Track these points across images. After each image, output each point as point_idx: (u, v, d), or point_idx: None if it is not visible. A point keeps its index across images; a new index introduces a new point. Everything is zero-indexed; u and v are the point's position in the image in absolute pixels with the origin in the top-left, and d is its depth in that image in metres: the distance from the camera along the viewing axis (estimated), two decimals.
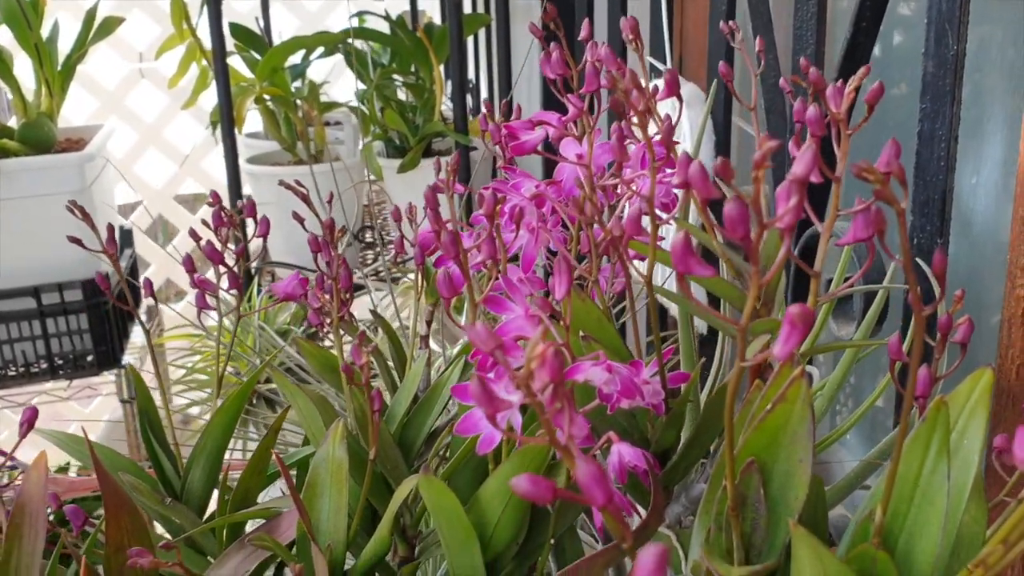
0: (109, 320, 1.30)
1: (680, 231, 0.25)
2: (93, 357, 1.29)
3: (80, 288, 1.29)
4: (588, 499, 0.23)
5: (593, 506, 0.23)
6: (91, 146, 1.32)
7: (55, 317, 1.29)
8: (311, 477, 0.43)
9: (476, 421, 0.36)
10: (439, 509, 0.38)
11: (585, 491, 0.24)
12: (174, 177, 1.67)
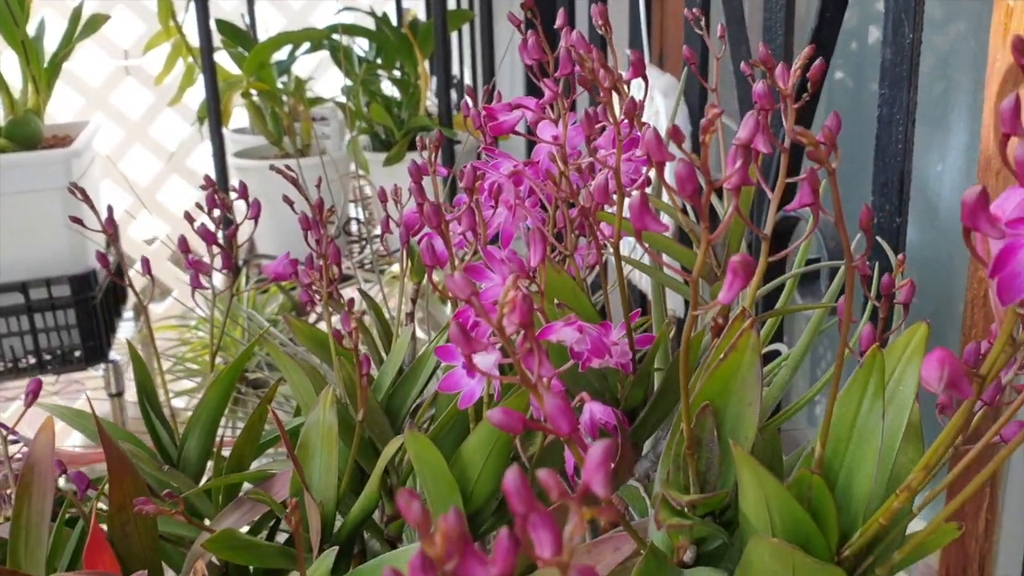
0: (96, 316, 1.33)
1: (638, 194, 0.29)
2: (81, 352, 1.32)
3: (68, 284, 1.31)
4: (554, 428, 0.27)
5: (559, 435, 0.27)
6: (78, 142, 1.34)
7: (43, 312, 1.31)
8: (303, 439, 0.46)
9: (458, 379, 0.39)
10: (423, 462, 0.41)
11: (551, 421, 0.27)
12: (160, 174, 1.69)
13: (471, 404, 0.39)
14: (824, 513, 0.30)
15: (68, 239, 1.32)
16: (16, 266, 1.29)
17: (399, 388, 0.51)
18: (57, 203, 1.31)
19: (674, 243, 0.43)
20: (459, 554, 0.20)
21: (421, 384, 0.52)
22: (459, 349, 0.28)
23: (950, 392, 0.24)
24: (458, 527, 0.20)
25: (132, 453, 0.50)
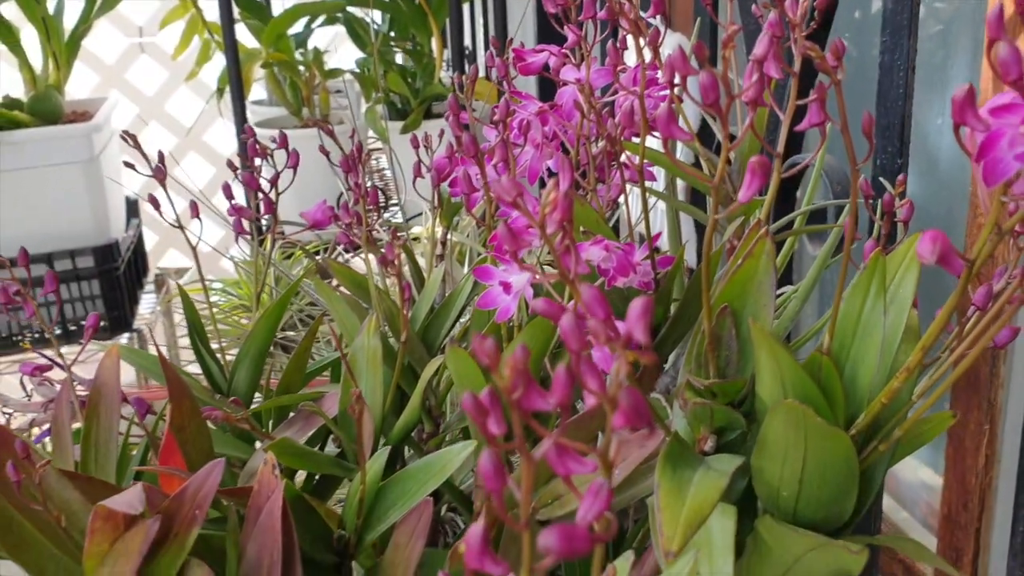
0: (120, 286, 1.37)
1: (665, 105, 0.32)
2: (106, 322, 1.36)
3: (91, 255, 1.35)
4: (591, 312, 0.30)
5: (595, 318, 0.30)
6: (98, 116, 1.38)
7: (68, 283, 1.35)
8: (349, 362, 0.50)
9: (495, 296, 0.43)
10: (463, 375, 0.45)
11: (588, 309, 0.31)
12: (176, 149, 1.73)
13: (507, 318, 0.43)
14: (833, 391, 0.34)
15: (91, 211, 1.36)
16: (41, 238, 1.33)
17: (433, 321, 0.55)
18: (79, 176, 1.35)
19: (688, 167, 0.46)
20: (523, 386, 0.24)
21: (452, 318, 0.56)
22: (505, 246, 0.32)
23: (941, 265, 0.28)
24: (524, 362, 0.24)
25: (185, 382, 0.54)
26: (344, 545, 0.43)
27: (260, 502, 0.38)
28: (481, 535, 0.24)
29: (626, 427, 0.23)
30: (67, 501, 0.40)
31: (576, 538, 0.23)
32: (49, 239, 1.34)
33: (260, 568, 0.37)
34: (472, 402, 0.23)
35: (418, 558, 0.40)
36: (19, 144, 1.32)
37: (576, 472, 0.25)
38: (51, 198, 1.35)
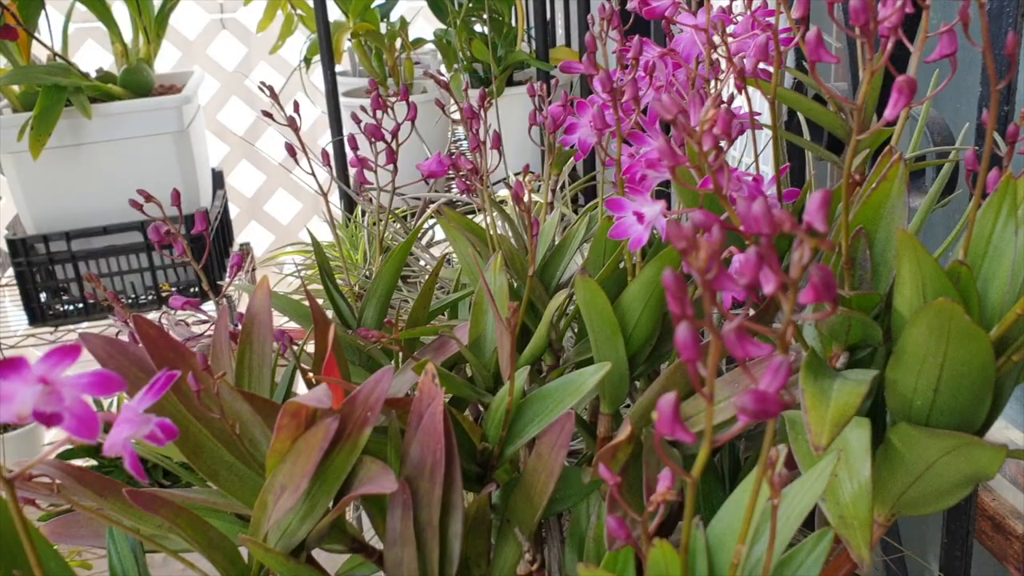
0: (210, 253, 1.42)
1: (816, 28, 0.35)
2: (197, 288, 1.42)
3: (184, 223, 1.41)
4: (748, 228, 0.32)
5: (752, 233, 0.32)
6: (187, 89, 1.44)
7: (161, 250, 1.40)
8: (477, 298, 0.53)
9: (627, 226, 0.46)
10: (590, 305, 0.48)
11: (747, 221, 0.33)
12: (254, 123, 1.79)
13: (639, 247, 0.46)
14: (970, 300, 0.36)
15: (181, 181, 1.42)
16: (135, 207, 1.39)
17: (550, 261, 0.58)
18: (170, 147, 1.41)
19: (814, 103, 0.49)
20: (716, 268, 0.26)
21: (567, 259, 0.59)
22: (665, 162, 0.35)
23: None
24: (719, 246, 0.26)
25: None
26: (487, 457, 0.46)
27: (421, 408, 0.42)
28: (673, 403, 0.27)
29: (814, 302, 0.26)
30: (238, 412, 0.44)
31: (768, 400, 0.26)
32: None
33: (423, 467, 0.41)
34: (672, 279, 0.26)
35: (560, 466, 0.43)
36: (114, 116, 1.37)
37: (753, 355, 0.28)
38: (144, 168, 1.41)
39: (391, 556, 0.41)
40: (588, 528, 0.47)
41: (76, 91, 1.36)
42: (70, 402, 0.26)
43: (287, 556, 0.39)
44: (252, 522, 0.41)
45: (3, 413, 0.26)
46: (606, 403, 0.51)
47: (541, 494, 0.43)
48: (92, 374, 0.26)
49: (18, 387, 0.25)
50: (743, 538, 0.31)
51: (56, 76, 1.35)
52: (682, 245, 0.26)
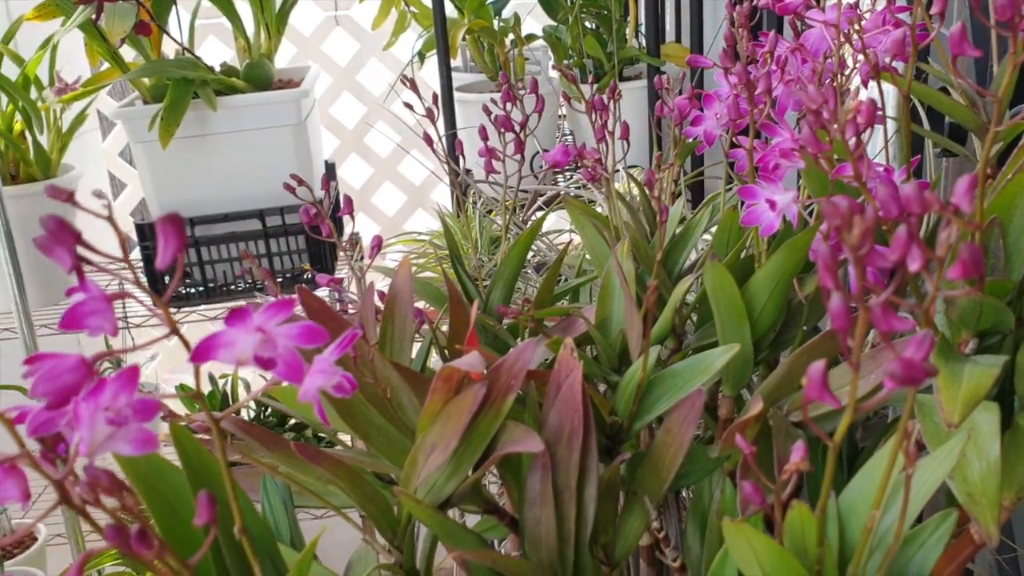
0: (323, 242, 1.49)
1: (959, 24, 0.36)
2: (311, 275, 1.48)
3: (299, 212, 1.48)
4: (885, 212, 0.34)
5: (890, 218, 0.34)
6: (304, 83, 1.50)
7: (277, 238, 1.48)
8: (605, 281, 0.56)
9: (759, 213, 0.48)
10: (719, 289, 0.50)
11: (884, 204, 0.35)
12: (365, 116, 1.85)
13: (771, 234, 0.48)
14: None
15: (298, 171, 1.48)
16: (254, 195, 1.47)
17: (672, 250, 0.61)
18: (289, 139, 1.48)
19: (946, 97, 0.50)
20: (869, 244, 0.29)
21: (689, 247, 0.61)
22: (808, 148, 0.37)
23: None
24: (872, 223, 0.29)
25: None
26: (616, 431, 0.49)
27: (560, 379, 0.45)
28: (823, 370, 0.29)
29: (962, 278, 0.28)
30: (388, 378, 0.48)
31: (915, 367, 0.28)
32: (261, 197, 1.48)
33: (562, 434, 0.44)
34: (825, 252, 0.28)
35: (689, 441, 0.46)
36: (237, 108, 1.45)
37: (897, 328, 0.30)
38: (263, 159, 1.48)
39: (530, 515, 0.44)
40: (711, 503, 0.49)
41: (203, 84, 1.44)
42: (282, 350, 0.30)
43: (435, 509, 0.43)
44: (402, 478, 0.45)
45: (225, 356, 0.30)
46: (728, 386, 0.53)
47: (669, 467, 0.46)
48: (301, 326, 0.30)
49: (240, 335, 0.30)
50: (878, 503, 0.33)
51: (185, 70, 1.44)
52: (837, 222, 0.28)
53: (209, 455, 0.37)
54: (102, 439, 0.28)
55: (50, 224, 0.28)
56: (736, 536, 0.33)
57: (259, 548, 0.36)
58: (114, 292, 0.31)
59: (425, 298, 0.65)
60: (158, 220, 0.29)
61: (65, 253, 0.30)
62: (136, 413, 0.28)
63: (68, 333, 1.53)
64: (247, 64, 1.52)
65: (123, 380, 0.28)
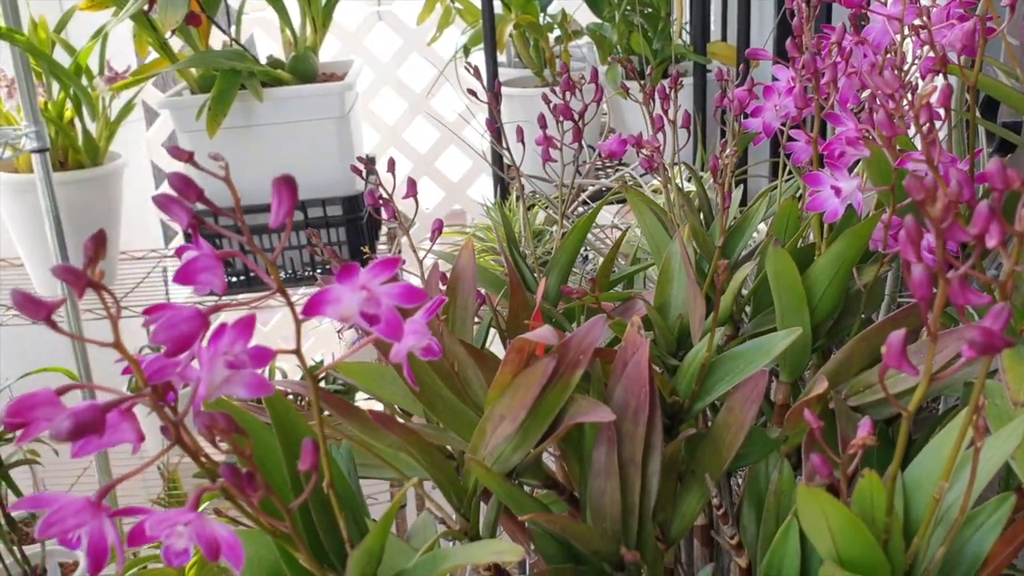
0: (363, 234, 1.52)
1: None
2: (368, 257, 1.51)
3: (340, 204, 1.51)
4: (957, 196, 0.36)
5: (962, 201, 0.36)
6: (348, 77, 1.53)
7: (318, 229, 1.51)
8: (664, 266, 0.58)
9: (824, 199, 0.49)
10: (780, 275, 0.52)
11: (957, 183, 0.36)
12: (405, 113, 1.88)
13: (835, 219, 0.49)
14: None
15: (341, 164, 1.52)
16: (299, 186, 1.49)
17: (729, 238, 0.62)
18: (332, 131, 1.51)
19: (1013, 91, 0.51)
20: (951, 217, 0.30)
21: (747, 235, 0.63)
22: (883, 132, 0.38)
23: None
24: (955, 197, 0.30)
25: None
26: (677, 410, 0.50)
27: (626, 356, 0.46)
28: (902, 338, 0.31)
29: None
30: (455, 353, 0.50)
31: (993, 336, 0.29)
32: (303, 188, 1.50)
33: (627, 409, 0.45)
34: (912, 222, 0.30)
35: (751, 420, 0.47)
36: (282, 100, 1.48)
37: (973, 303, 0.31)
38: (307, 150, 1.51)
39: (595, 487, 0.45)
40: (768, 485, 0.51)
41: (250, 75, 1.47)
42: (384, 309, 0.32)
43: (503, 477, 0.45)
44: (470, 447, 0.46)
45: (332, 312, 0.32)
46: (786, 372, 0.55)
47: (730, 446, 0.48)
48: (401, 286, 0.32)
49: (347, 292, 0.32)
50: (947, 475, 0.35)
51: (233, 61, 1.47)
52: (921, 196, 0.30)
53: (296, 414, 0.39)
54: (220, 382, 0.30)
55: (175, 180, 0.30)
56: (809, 501, 0.34)
57: (343, 504, 0.38)
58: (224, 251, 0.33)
59: (483, 284, 0.66)
60: (274, 180, 0.31)
61: (183, 211, 0.32)
62: (252, 359, 0.30)
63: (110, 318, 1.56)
64: (293, 57, 1.55)
65: (241, 328, 0.30)
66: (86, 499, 0.29)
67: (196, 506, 0.29)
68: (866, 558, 0.35)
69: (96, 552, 0.28)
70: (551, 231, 1.14)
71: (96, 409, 0.27)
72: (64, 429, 0.26)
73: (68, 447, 0.29)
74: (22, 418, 0.28)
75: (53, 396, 0.29)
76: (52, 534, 0.28)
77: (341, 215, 1.51)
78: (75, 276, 0.28)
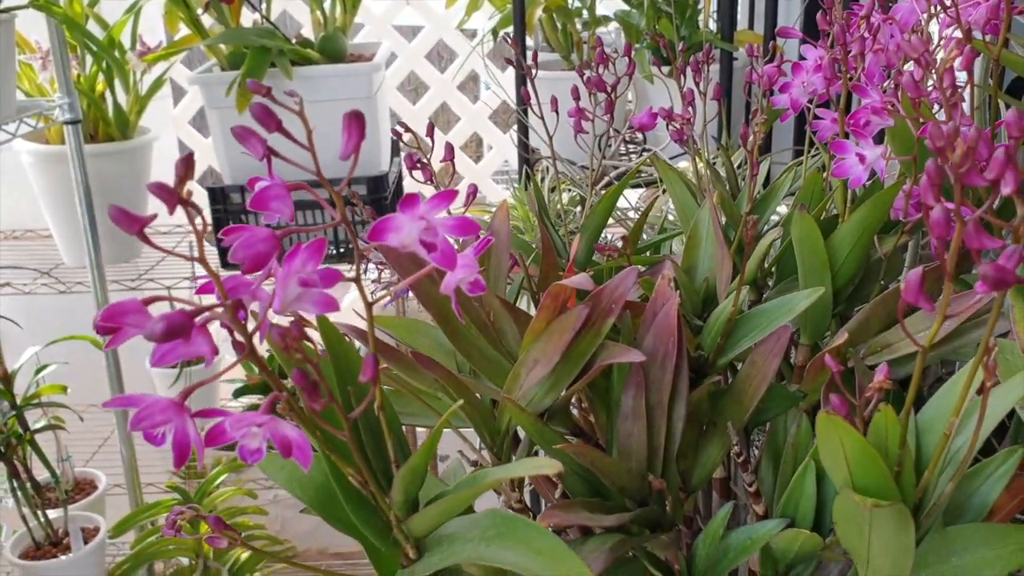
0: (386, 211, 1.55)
1: None
2: None
3: (365, 184, 1.54)
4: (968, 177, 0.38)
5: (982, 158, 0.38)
6: (377, 58, 1.56)
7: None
8: (692, 231, 0.61)
9: (849, 166, 0.52)
10: (804, 239, 0.54)
11: (978, 148, 0.39)
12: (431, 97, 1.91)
13: (859, 185, 0.52)
14: None
15: (368, 144, 1.54)
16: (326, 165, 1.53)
17: (756, 208, 0.65)
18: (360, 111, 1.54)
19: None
20: (969, 163, 0.33)
21: (773, 206, 0.65)
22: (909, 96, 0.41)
23: None
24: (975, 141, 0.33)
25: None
26: (702, 364, 0.53)
27: (656, 307, 0.49)
28: (920, 275, 0.34)
29: None
30: (491, 304, 0.53)
31: (1005, 272, 0.32)
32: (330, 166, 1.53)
33: (656, 356, 0.48)
34: (933, 167, 0.33)
35: (773, 372, 0.50)
36: (312, 79, 1.52)
37: (987, 247, 0.34)
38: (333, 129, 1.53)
39: (622, 428, 0.49)
40: (786, 439, 0.54)
41: (279, 54, 1.51)
42: (440, 240, 0.35)
43: (535, 416, 0.48)
44: (505, 388, 0.50)
45: (393, 240, 0.35)
46: (806, 335, 0.58)
47: (752, 397, 0.51)
48: (457, 218, 0.36)
49: (407, 221, 0.35)
50: (958, 411, 0.38)
51: (263, 38, 1.50)
52: (940, 144, 0.33)
53: (348, 344, 0.43)
54: (292, 298, 0.33)
55: (257, 110, 0.33)
56: (827, 429, 0.37)
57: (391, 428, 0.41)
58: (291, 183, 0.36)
59: (513, 249, 0.70)
60: (345, 114, 0.34)
61: (258, 143, 0.35)
62: (321, 279, 0.33)
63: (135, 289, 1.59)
64: (322, 36, 1.58)
65: (312, 250, 0.33)
66: (170, 400, 0.32)
67: (270, 411, 0.33)
68: (879, 487, 0.38)
69: (181, 446, 0.32)
70: (575, 211, 1.17)
71: (186, 315, 0.31)
72: (158, 330, 0.29)
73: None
74: (114, 322, 0.32)
75: (141, 305, 0.32)
76: (142, 427, 0.31)
77: (366, 195, 1.55)
78: (168, 193, 0.31)
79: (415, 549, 0.42)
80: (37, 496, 1.44)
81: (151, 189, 0.31)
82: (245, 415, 0.32)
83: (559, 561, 0.37)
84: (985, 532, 0.42)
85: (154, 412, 0.31)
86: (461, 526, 0.41)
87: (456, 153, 2.07)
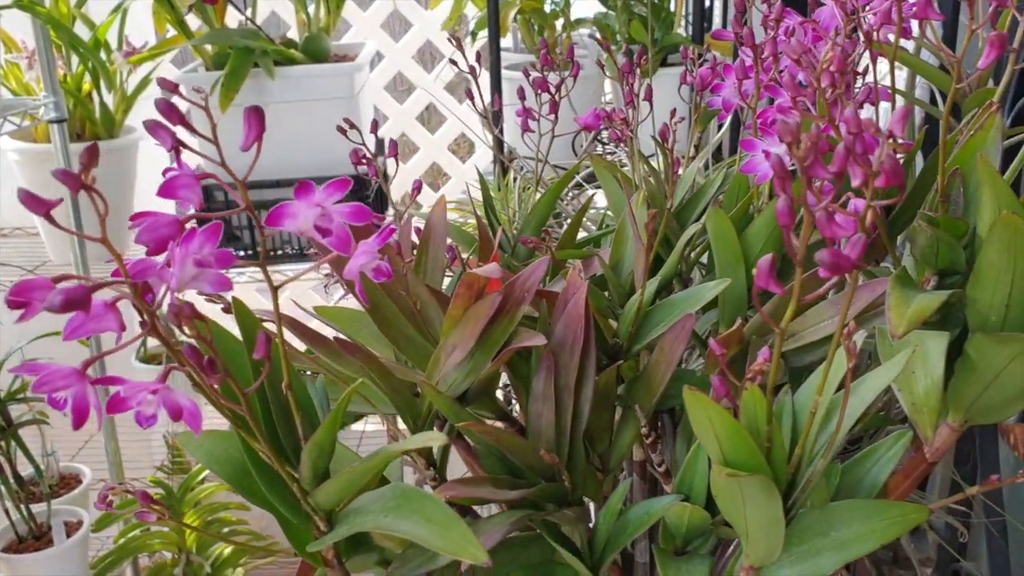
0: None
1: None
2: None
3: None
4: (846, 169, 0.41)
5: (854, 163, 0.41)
6: (360, 58, 1.60)
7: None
8: (619, 228, 0.64)
9: (757, 163, 0.55)
10: (719, 234, 0.58)
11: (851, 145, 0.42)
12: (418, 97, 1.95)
13: (765, 181, 0.55)
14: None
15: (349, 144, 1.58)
16: (305, 165, 1.57)
17: (687, 205, 0.68)
18: (341, 111, 1.57)
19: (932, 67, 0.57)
20: (814, 157, 0.36)
21: (701, 206, 0.68)
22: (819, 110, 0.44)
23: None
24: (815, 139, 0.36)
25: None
26: (616, 351, 0.56)
27: (567, 296, 0.53)
28: (771, 261, 0.37)
29: (885, 186, 0.35)
30: (419, 294, 0.56)
31: (842, 257, 0.35)
32: (312, 166, 1.58)
33: (566, 342, 0.52)
34: (777, 161, 0.36)
35: (679, 357, 0.53)
36: (294, 79, 1.55)
37: (839, 235, 0.37)
38: (316, 129, 1.58)
39: (533, 410, 0.52)
40: None
41: (263, 54, 1.55)
42: (335, 225, 0.38)
43: (452, 399, 0.51)
44: (426, 374, 0.53)
45: (290, 225, 0.38)
46: (724, 323, 0.61)
47: (660, 381, 0.54)
48: (351, 206, 0.39)
49: (303, 208, 0.38)
50: (819, 390, 0.41)
51: (247, 39, 1.54)
52: (788, 139, 0.36)
53: (261, 327, 0.46)
54: (189, 278, 0.36)
55: (160, 104, 0.36)
56: (695, 407, 0.40)
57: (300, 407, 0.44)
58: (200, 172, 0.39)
59: (456, 240, 0.73)
60: (246, 109, 0.37)
61: (167, 135, 0.38)
62: (216, 261, 0.36)
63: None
64: (306, 37, 1.62)
65: (208, 233, 0.36)
66: (72, 367, 0.35)
67: (164, 380, 0.36)
68: (750, 463, 0.41)
69: (79, 410, 0.35)
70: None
71: (84, 289, 0.34)
72: (57, 302, 0.33)
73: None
74: (23, 298, 0.35)
75: (48, 282, 0.35)
76: (44, 391, 0.35)
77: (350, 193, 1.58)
78: (72, 179, 0.34)
79: (326, 522, 0.46)
80: (20, 490, 1.48)
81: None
82: (140, 383, 0.35)
83: (448, 530, 0.40)
84: (864, 507, 0.45)
85: (56, 378, 0.35)
86: (369, 500, 0.45)
87: (444, 153, 2.09)
